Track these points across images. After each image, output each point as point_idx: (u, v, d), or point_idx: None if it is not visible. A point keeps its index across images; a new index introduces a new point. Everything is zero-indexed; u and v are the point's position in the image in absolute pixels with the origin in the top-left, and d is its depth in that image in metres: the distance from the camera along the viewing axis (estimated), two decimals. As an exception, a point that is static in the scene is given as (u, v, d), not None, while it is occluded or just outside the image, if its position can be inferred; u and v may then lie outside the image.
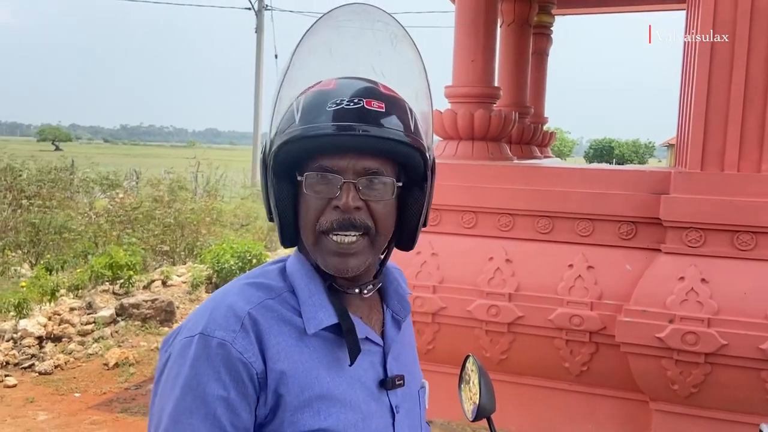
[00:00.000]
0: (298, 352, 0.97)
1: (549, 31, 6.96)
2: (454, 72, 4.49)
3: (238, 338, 0.94)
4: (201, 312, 0.99)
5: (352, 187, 0.96)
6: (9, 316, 5.84)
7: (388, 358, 1.07)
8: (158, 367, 0.99)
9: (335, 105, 0.96)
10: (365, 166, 0.97)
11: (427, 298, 3.79)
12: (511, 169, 3.93)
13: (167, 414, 0.93)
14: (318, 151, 0.97)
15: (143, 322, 6.03)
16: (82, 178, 13.93)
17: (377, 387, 1.04)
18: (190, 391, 0.92)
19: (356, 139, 0.95)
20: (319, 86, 1.00)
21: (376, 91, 0.99)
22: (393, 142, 0.97)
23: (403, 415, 1.07)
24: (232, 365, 0.92)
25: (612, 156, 44.81)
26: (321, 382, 0.97)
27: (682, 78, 4.15)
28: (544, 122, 7.03)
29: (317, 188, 0.97)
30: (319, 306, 1.00)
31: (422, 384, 1.17)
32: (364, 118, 0.95)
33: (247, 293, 0.99)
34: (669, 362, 3.31)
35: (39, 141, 70.73)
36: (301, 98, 0.99)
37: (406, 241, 1.07)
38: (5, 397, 4.54)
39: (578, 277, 3.60)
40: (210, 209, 10.94)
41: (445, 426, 3.86)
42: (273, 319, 0.97)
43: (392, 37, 1.04)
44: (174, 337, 1.00)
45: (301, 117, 0.97)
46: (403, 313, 1.11)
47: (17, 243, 9.19)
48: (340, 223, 0.96)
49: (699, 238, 3.35)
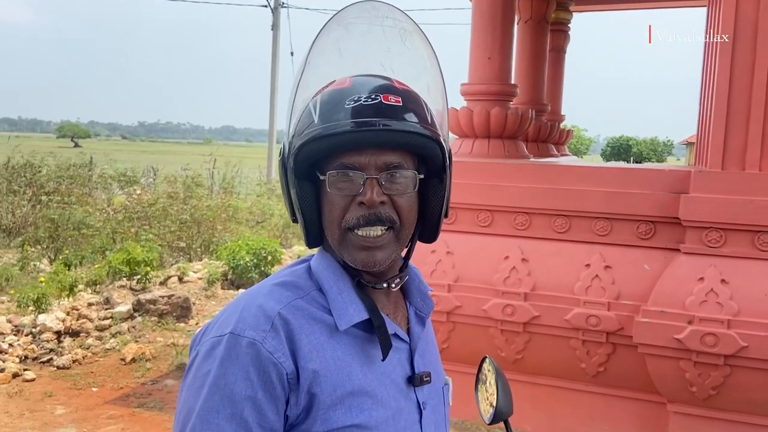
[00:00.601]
0: (330, 350, 0.97)
1: (567, 28, 6.90)
2: (471, 69, 4.47)
3: (269, 338, 0.94)
4: (230, 311, 0.99)
5: (375, 183, 0.97)
6: (28, 310, 5.91)
7: (415, 355, 1.07)
8: (189, 363, 1.00)
9: (353, 102, 0.96)
10: (386, 160, 0.98)
11: (442, 297, 3.78)
12: (528, 167, 3.90)
13: (195, 413, 0.93)
14: (339, 148, 0.97)
15: (160, 317, 6.08)
16: (100, 175, 14.08)
17: (405, 384, 1.05)
18: (218, 390, 0.92)
19: (377, 134, 0.96)
20: (334, 85, 1.01)
21: (391, 87, 1.00)
22: (412, 135, 0.98)
23: (429, 411, 1.08)
24: (261, 365, 0.93)
25: (630, 154, 44.43)
26: (353, 379, 0.97)
27: (703, 76, 4.10)
28: (561, 120, 6.97)
29: (340, 186, 0.98)
30: (349, 302, 1.01)
31: (446, 381, 1.17)
32: (383, 113, 0.96)
33: (277, 293, 1.00)
34: (687, 364, 3.27)
35: (58, 138, 71.62)
36: (317, 98, 1.00)
37: (429, 233, 1.08)
38: (24, 391, 4.59)
39: (595, 276, 3.56)
40: (226, 206, 11.00)
41: (460, 425, 3.84)
42: (303, 318, 0.98)
43: (402, 33, 1.05)
44: (202, 334, 1.01)
45: (319, 116, 0.97)
46: (426, 310, 1.12)
47: (36, 238, 9.31)
48: (366, 219, 0.97)
49: (719, 238, 3.30)
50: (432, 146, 1.01)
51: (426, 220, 1.06)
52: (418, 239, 1.09)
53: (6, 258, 8.55)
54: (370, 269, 1.00)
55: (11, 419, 4.14)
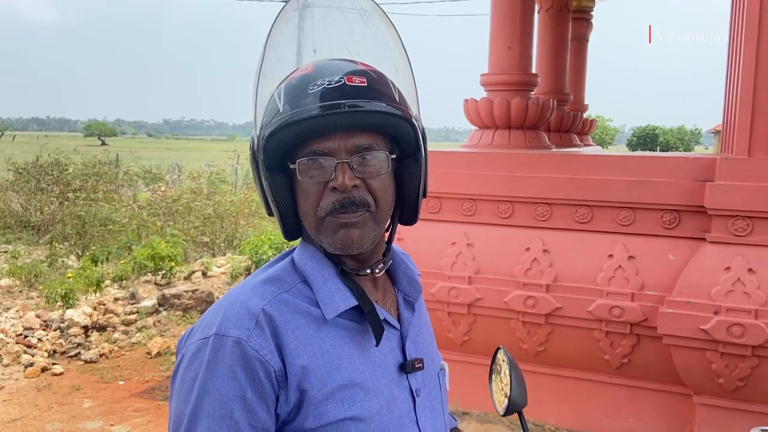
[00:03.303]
0: (319, 343, 0.96)
1: (589, 16, 6.79)
2: (490, 59, 4.42)
3: (253, 336, 0.92)
4: (214, 312, 0.98)
5: (347, 167, 0.95)
6: (56, 306, 6.03)
7: (407, 342, 1.06)
8: (175, 367, 0.99)
9: (317, 87, 0.95)
10: (356, 143, 0.96)
11: (463, 289, 3.75)
12: (548, 157, 3.85)
13: (186, 417, 0.92)
14: (307, 135, 0.95)
15: (184, 312, 6.16)
16: (126, 172, 14.29)
17: (397, 371, 1.03)
18: (206, 393, 0.91)
19: (343, 117, 0.94)
20: (296, 72, 1.00)
21: (356, 69, 0.98)
22: (380, 115, 0.96)
23: (423, 398, 1.06)
24: (248, 364, 0.91)
25: (656, 143, 43.69)
26: (343, 371, 0.96)
27: (729, 62, 4.00)
28: (584, 109, 6.88)
29: (311, 173, 0.96)
30: (335, 291, 0.99)
31: (441, 366, 1.15)
32: (348, 95, 0.94)
33: (260, 289, 0.98)
34: (714, 355, 3.21)
35: (86, 136, 72.81)
36: (281, 87, 0.99)
37: (409, 215, 1.06)
38: (52, 384, 4.68)
39: (618, 267, 3.51)
40: (249, 201, 11.09)
41: (482, 417, 3.83)
42: (289, 313, 0.96)
43: (362, 14, 1.03)
44: (187, 337, 1.00)
45: (284, 104, 0.96)
46: (414, 294, 1.10)
47: (64, 235, 9.49)
48: (341, 203, 0.95)
49: (746, 227, 3.23)
50: (403, 125, 0.99)
51: (404, 201, 1.04)
52: (399, 222, 1.08)
53: (35, 255, 8.73)
54: (349, 251, 0.98)
55: (40, 412, 4.23)
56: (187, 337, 0.99)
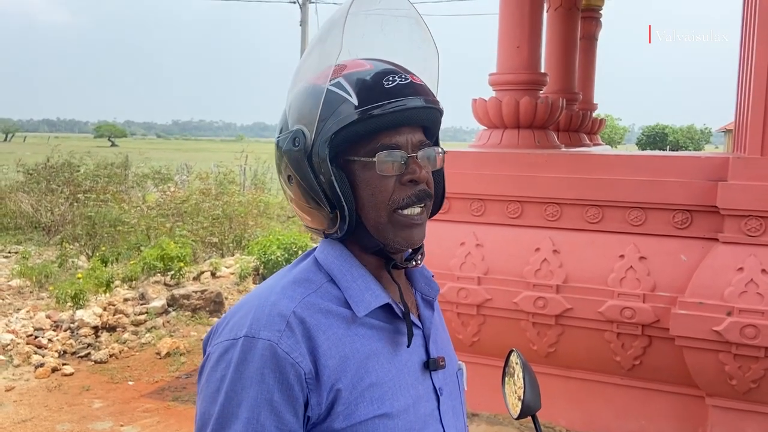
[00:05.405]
0: (349, 343, 0.96)
1: (598, 15, 6.75)
2: (499, 59, 4.40)
3: (284, 338, 0.92)
4: (243, 312, 0.97)
5: (417, 160, 0.98)
6: (66, 306, 6.05)
7: (429, 341, 1.06)
8: (201, 366, 0.98)
9: (391, 82, 0.96)
10: (419, 138, 1.00)
11: (472, 290, 3.73)
12: (558, 157, 3.82)
13: (213, 418, 0.92)
14: (382, 128, 0.96)
15: (193, 312, 6.16)
16: (136, 173, 14.35)
17: (421, 370, 1.03)
18: (234, 395, 0.90)
19: (419, 112, 0.97)
20: (352, 68, 0.98)
21: (405, 68, 1.01)
22: (436, 111, 1.01)
23: (446, 397, 1.06)
24: (277, 366, 0.90)
25: (666, 143, 43.43)
26: (372, 370, 0.96)
27: (741, 60, 3.96)
28: (593, 109, 6.84)
29: (387, 167, 0.97)
30: (365, 289, 1.00)
31: (459, 366, 1.16)
32: (419, 91, 0.97)
33: (289, 291, 0.97)
34: (727, 356, 3.17)
35: (96, 138, 73.25)
36: (340, 81, 0.96)
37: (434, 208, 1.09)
38: (62, 385, 4.70)
39: (630, 267, 3.48)
40: (257, 202, 11.10)
41: (492, 419, 3.80)
42: (319, 314, 0.96)
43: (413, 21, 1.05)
44: (214, 334, 0.99)
45: (359, 98, 0.94)
46: (432, 293, 1.11)
47: (74, 236, 9.54)
48: (417, 196, 0.98)
49: (759, 227, 3.19)
50: (440, 122, 1.04)
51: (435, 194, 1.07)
52: None
53: (45, 255, 8.78)
54: (412, 247, 1.02)
55: (50, 413, 4.24)
56: (213, 336, 0.99)
